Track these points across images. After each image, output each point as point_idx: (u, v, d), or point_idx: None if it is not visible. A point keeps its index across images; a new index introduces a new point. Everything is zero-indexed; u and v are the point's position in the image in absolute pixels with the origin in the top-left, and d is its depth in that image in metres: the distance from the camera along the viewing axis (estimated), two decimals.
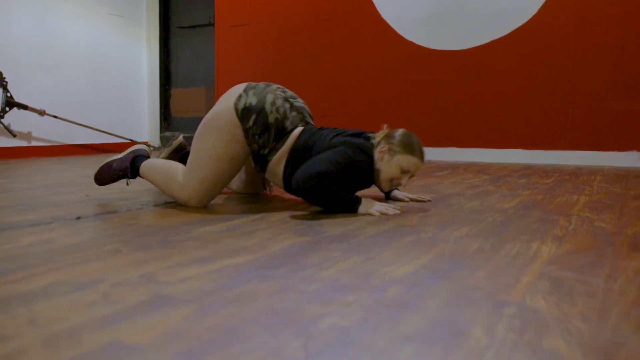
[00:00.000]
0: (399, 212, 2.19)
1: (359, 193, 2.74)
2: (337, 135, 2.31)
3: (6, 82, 5.12)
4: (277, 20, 5.91)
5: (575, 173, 3.91)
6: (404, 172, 2.28)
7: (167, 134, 6.72)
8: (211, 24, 6.41)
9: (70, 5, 5.82)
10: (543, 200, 2.57)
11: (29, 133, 5.55)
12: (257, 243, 1.61)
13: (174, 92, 6.71)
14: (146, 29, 6.63)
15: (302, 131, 2.34)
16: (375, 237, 1.69)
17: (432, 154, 5.22)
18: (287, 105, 2.35)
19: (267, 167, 2.37)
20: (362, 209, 2.18)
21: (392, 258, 1.43)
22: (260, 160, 2.38)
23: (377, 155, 2.29)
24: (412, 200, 2.56)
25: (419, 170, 2.22)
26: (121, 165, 2.54)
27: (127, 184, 2.65)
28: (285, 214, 2.15)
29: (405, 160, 2.27)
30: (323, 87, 5.76)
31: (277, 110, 2.30)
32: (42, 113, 5.44)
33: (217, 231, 1.79)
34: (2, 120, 5.19)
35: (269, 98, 2.30)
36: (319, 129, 2.36)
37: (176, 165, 2.40)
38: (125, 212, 2.18)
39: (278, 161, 2.33)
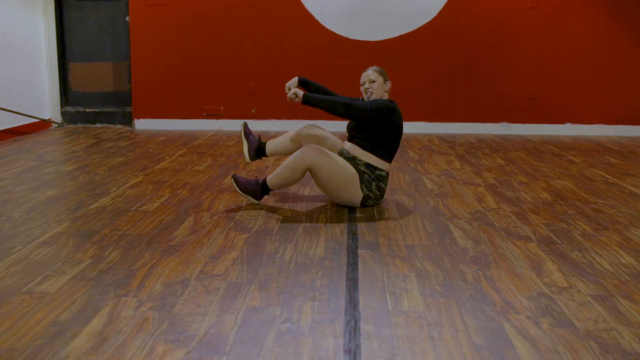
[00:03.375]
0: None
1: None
2: None
3: None
4: (198, 4, 6.21)
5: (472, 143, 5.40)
6: (361, 84, 3.47)
7: (69, 109, 6.57)
8: None
9: None
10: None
11: None
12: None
13: (73, 66, 6.53)
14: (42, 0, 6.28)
15: None
16: None
17: None
18: None
19: None
20: None
21: None
22: None
23: None
24: None
25: (368, 76, 3.45)
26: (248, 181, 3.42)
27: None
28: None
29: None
30: (249, 68, 6.33)
31: None
32: None
33: None
34: None
35: None
36: None
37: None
38: None
39: None
